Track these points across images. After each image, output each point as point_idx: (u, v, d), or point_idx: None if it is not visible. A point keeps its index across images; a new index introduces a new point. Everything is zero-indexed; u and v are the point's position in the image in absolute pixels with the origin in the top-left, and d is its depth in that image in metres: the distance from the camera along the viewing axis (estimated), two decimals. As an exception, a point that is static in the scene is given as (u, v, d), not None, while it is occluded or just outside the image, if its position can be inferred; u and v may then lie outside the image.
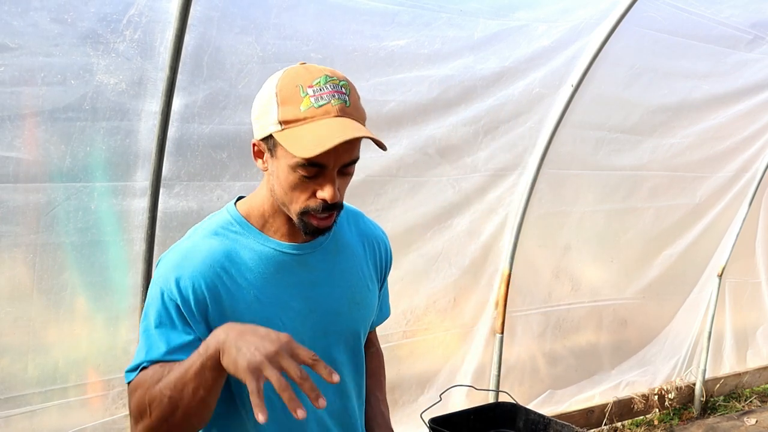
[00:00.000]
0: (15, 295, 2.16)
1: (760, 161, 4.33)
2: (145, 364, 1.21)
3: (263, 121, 1.25)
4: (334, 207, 1.25)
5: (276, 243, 1.32)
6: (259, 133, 1.27)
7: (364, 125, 1.25)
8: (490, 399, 3.46)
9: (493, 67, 2.92)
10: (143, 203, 2.29)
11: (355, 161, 1.25)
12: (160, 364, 1.20)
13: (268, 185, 1.31)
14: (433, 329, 3.28)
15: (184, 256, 1.27)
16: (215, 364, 1.09)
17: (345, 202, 1.47)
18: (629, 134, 3.60)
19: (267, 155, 1.28)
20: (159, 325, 1.23)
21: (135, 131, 2.22)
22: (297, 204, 1.25)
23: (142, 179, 2.27)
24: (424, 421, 1.85)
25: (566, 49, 3.04)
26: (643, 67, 3.35)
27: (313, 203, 1.24)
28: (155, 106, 2.20)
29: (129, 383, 1.24)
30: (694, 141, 3.88)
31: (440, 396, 2.19)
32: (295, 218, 1.27)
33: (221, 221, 1.33)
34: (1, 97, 1.98)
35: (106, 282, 2.31)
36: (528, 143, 3.25)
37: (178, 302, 1.22)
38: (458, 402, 3.25)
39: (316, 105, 1.19)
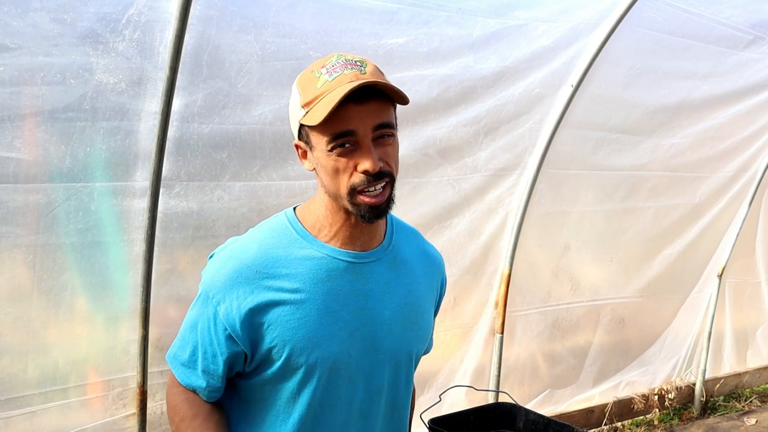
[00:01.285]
0: (15, 295, 2.16)
1: (760, 161, 4.33)
2: (178, 371, 1.32)
3: (293, 117, 1.25)
4: (379, 178, 1.20)
5: (330, 249, 1.28)
6: (294, 132, 1.27)
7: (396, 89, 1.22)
8: (490, 399, 3.46)
9: (493, 67, 2.92)
10: (143, 203, 2.28)
11: (388, 125, 1.21)
12: (184, 398, 1.31)
13: (319, 184, 1.28)
14: (433, 329, 3.28)
15: (234, 259, 1.27)
16: None
17: (396, 216, 1.45)
18: (629, 134, 3.60)
19: (308, 152, 1.26)
20: (202, 328, 1.28)
21: (135, 131, 2.21)
22: (344, 187, 1.21)
23: (142, 179, 2.27)
24: (423, 421, 1.84)
25: (566, 49, 3.04)
26: (643, 67, 3.35)
27: (357, 179, 1.20)
28: (155, 106, 2.19)
29: (170, 372, 1.35)
30: (694, 141, 3.88)
31: (440, 396, 2.19)
32: (349, 206, 1.23)
33: (277, 225, 1.31)
34: (1, 98, 1.98)
35: (106, 282, 2.31)
36: (528, 143, 3.25)
37: (223, 320, 1.25)
38: (458, 402, 3.25)
39: (329, 79, 1.19)
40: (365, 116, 1.18)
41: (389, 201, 1.25)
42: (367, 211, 1.22)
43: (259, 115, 2.41)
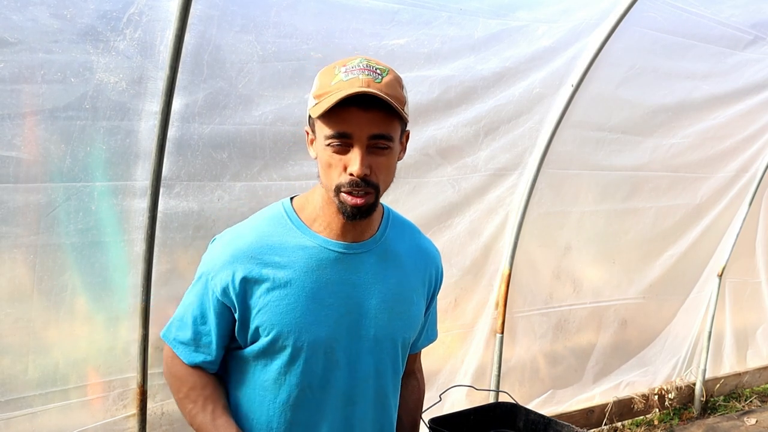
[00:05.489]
0: (15, 296, 2.15)
1: (760, 161, 4.33)
2: (178, 350, 1.41)
3: (308, 104, 1.33)
4: (364, 184, 1.27)
5: (322, 239, 1.36)
6: (307, 118, 1.35)
7: (400, 108, 1.27)
8: (491, 399, 3.46)
9: (493, 68, 2.92)
10: (143, 203, 2.28)
11: (385, 137, 1.27)
12: (189, 371, 1.40)
13: (319, 174, 1.36)
14: (433, 329, 3.28)
15: (231, 243, 1.35)
16: None
17: (394, 211, 1.51)
18: (629, 134, 3.60)
19: (314, 139, 1.34)
20: (200, 307, 1.38)
21: (135, 131, 2.21)
22: (332, 181, 1.29)
23: (142, 179, 2.26)
24: (423, 421, 1.84)
25: (566, 50, 3.04)
26: (643, 67, 3.35)
27: (344, 179, 1.28)
28: (155, 105, 2.19)
29: (165, 344, 1.44)
30: (694, 141, 3.88)
31: (440, 396, 2.18)
32: (335, 200, 1.31)
33: (273, 213, 1.40)
34: (1, 95, 1.98)
35: (106, 282, 2.30)
36: (528, 143, 3.25)
37: (218, 295, 1.33)
38: (458, 402, 3.24)
39: (344, 78, 1.25)
40: (365, 123, 1.24)
41: (370, 207, 1.31)
42: (349, 209, 1.30)
43: (260, 115, 2.41)
